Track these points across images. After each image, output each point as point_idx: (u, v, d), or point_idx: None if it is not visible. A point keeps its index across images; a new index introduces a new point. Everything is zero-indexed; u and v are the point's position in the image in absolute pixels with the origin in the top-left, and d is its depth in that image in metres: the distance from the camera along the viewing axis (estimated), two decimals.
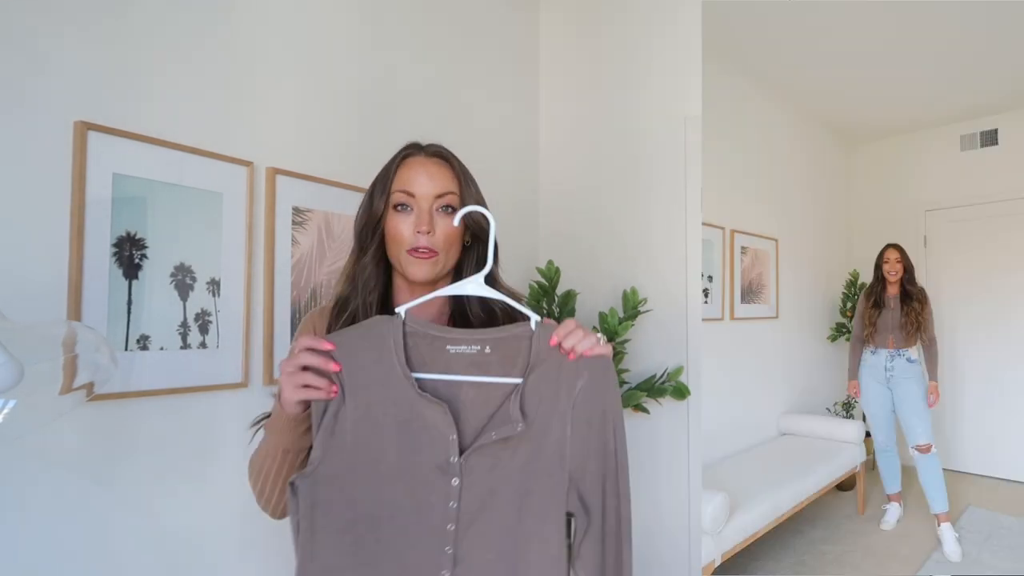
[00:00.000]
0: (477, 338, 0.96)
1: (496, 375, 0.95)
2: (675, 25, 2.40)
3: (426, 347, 0.95)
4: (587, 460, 0.94)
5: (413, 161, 1.11)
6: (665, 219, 2.39)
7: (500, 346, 0.95)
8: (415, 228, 1.07)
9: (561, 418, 0.94)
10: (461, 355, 0.95)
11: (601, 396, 0.95)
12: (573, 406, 0.94)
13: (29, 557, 1.22)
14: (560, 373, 0.95)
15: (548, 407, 0.94)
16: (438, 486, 0.94)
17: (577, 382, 0.94)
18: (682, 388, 2.24)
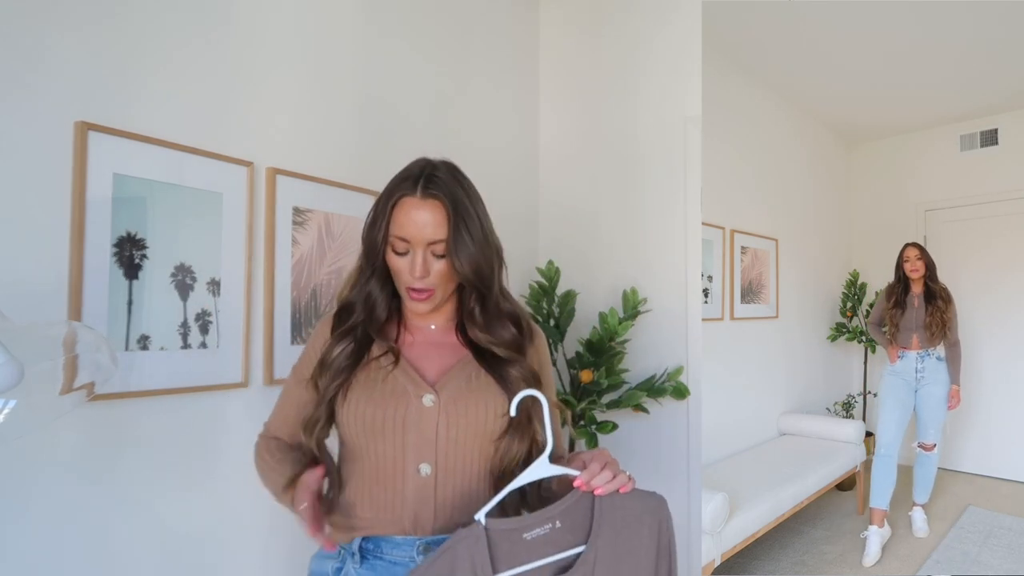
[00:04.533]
0: (547, 516, 0.98)
1: (569, 547, 0.99)
2: (675, 25, 2.40)
3: (506, 543, 0.97)
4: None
5: (407, 203, 1.08)
6: (665, 219, 2.39)
7: (567, 516, 0.99)
8: (409, 271, 1.09)
9: (638, 566, 1.00)
10: (537, 538, 0.98)
11: (665, 534, 1.02)
12: (644, 553, 1.00)
13: (29, 557, 1.22)
14: (629, 527, 1.00)
15: (627, 562, 0.99)
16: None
17: (643, 529, 1.01)
18: (682, 388, 2.24)
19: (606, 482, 0.99)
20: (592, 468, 1.00)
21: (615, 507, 1.00)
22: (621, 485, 1.00)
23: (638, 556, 1.00)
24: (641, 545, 1.00)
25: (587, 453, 1.05)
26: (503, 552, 0.97)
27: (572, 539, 0.99)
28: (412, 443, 1.09)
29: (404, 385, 1.11)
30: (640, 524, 1.00)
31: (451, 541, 0.97)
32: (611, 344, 2.22)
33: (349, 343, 1.12)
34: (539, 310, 2.29)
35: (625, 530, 1.00)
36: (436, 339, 1.18)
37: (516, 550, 0.97)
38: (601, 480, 0.99)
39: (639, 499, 1.02)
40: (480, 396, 1.11)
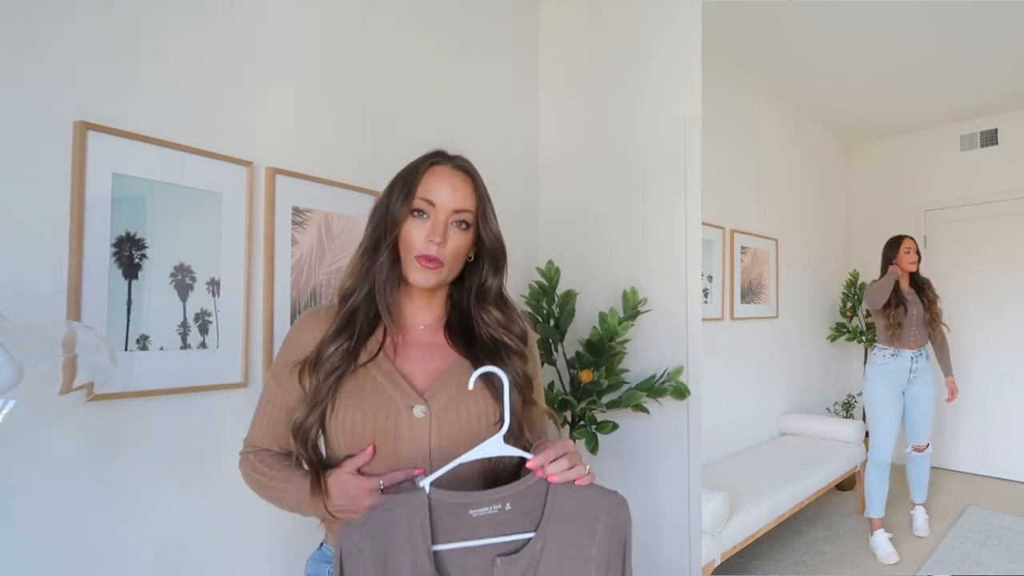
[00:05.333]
0: (497, 497, 0.96)
1: (517, 531, 0.96)
2: (675, 25, 2.40)
3: (449, 515, 0.94)
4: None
5: (440, 170, 1.11)
6: (665, 219, 2.39)
7: (518, 500, 0.96)
8: (428, 236, 1.07)
9: (583, 564, 0.96)
10: (484, 517, 0.95)
11: (620, 535, 0.99)
12: (596, 551, 0.97)
13: (29, 557, 1.22)
14: (580, 521, 0.97)
15: (573, 559, 0.96)
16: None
17: (598, 527, 0.98)
18: (682, 388, 2.23)
19: (561, 470, 0.97)
20: (547, 454, 0.98)
21: (569, 499, 0.97)
22: (578, 477, 0.98)
23: (587, 553, 0.97)
24: (592, 543, 0.97)
25: (550, 442, 1.03)
26: (446, 524, 0.94)
27: (521, 524, 0.96)
28: (405, 454, 1.06)
29: (392, 394, 1.07)
30: (594, 521, 0.97)
31: (391, 502, 0.95)
32: (611, 344, 2.22)
33: (344, 340, 1.09)
34: (539, 310, 2.29)
35: (576, 524, 0.97)
36: (425, 340, 1.16)
37: (460, 524, 0.94)
38: (556, 468, 0.97)
39: (597, 496, 0.99)
40: (471, 404, 1.09)
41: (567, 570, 0.95)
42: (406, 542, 0.92)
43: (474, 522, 0.94)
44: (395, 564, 0.92)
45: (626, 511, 1.00)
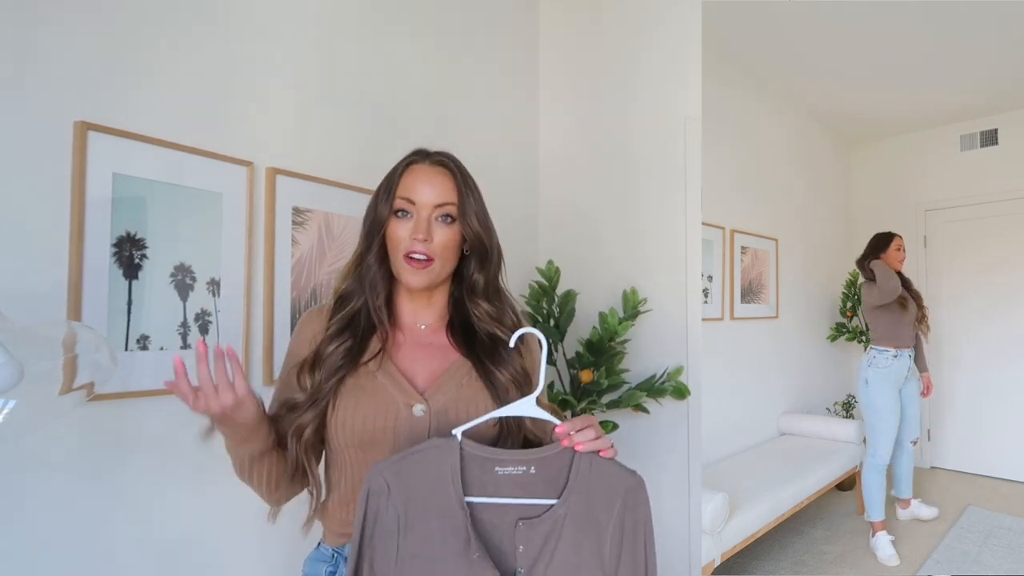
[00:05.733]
0: (523, 459, 0.97)
1: (540, 496, 0.97)
2: (675, 26, 2.40)
3: (477, 469, 0.96)
4: (622, 571, 0.98)
5: (417, 168, 1.12)
6: (665, 219, 2.39)
7: (543, 465, 0.97)
8: (412, 235, 1.08)
9: (600, 537, 0.97)
10: (508, 476, 0.96)
11: (633, 512, 0.99)
12: (612, 529, 0.97)
13: (29, 556, 1.22)
14: (600, 494, 0.98)
15: (589, 531, 0.97)
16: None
17: (616, 504, 0.98)
18: (682, 388, 2.24)
19: (588, 439, 0.98)
20: (575, 423, 0.99)
21: (592, 470, 0.98)
22: (603, 448, 0.99)
23: (604, 528, 0.97)
24: (610, 518, 0.97)
25: (575, 417, 1.04)
26: (473, 476, 0.95)
27: (544, 490, 0.97)
28: None
29: (393, 393, 1.08)
30: (613, 496, 0.98)
31: (424, 445, 0.96)
32: (611, 344, 2.22)
33: (346, 339, 1.09)
34: (539, 310, 2.29)
35: (596, 497, 0.97)
36: (427, 340, 1.16)
37: (485, 479, 0.95)
38: (583, 436, 0.98)
39: (617, 472, 0.99)
40: (471, 404, 1.09)
41: (586, 541, 0.96)
42: (436, 486, 0.94)
43: (498, 479, 0.96)
44: (423, 506, 0.93)
45: (644, 492, 1.00)
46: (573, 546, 0.95)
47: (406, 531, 0.93)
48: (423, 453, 0.95)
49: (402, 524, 0.93)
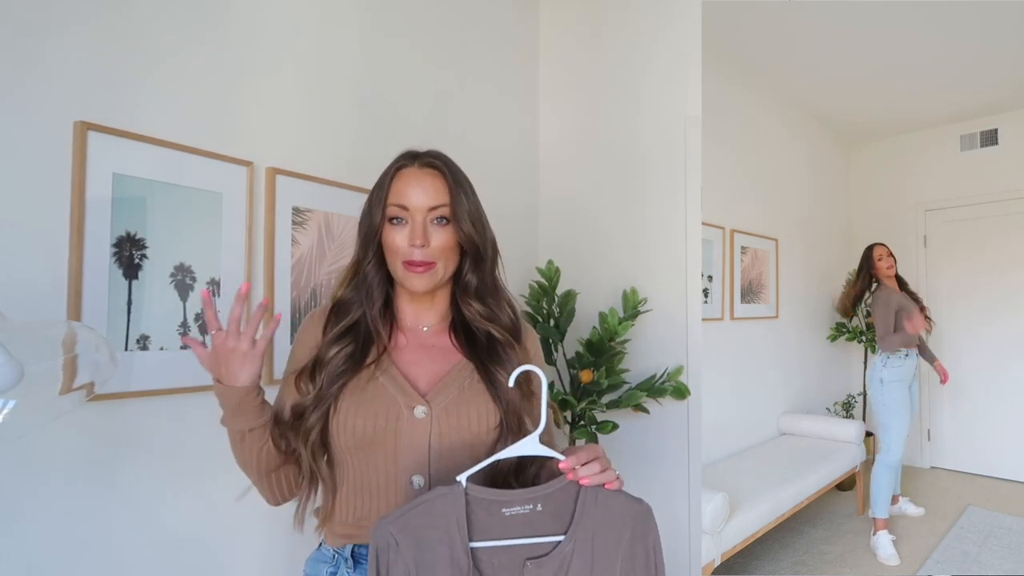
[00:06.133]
0: (529, 497, 0.96)
1: (546, 532, 0.96)
2: (675, 25, 2.40)
3: (484, 512, 0.95)
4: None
5: (406, 173, 1.11)
6: (665, 219, 2.39)
7: (549, 501, 0.97)
8: (409, 241, 1.07)
9: (610, 570, 0.96)
10: (515, 516, 0.95)
11: (643, 541, 0.98)
12: (621, 560, 0.97)
13: (29, 557, 1.22)
14: (607, 527, 0.97)
15: (600, 563, 0.96)
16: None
17: (625, 533, 0.97)
18: (682, 388, 2.23)
19: (593, 473, 0.97)
20: (580, 456, 0.98)
21: (598, 504, 0.97)
22: (608, 481, 0.98)
23: (613, 561, 0.97)
24: (618, 551, 0.97)
25: (581, 447, 1.03)
26: (480, 521, 0.94)
27: (552, 526, 0.96)
28: (404, 455, 1.06)
29: (394, 395, 1.07)
30: (622, 527, 0.97)
31: (429, 495, 0.94)
32: (611, 344, 2.21)
33: (348, 343, 1.09)
34: (539, 310, 2.29)
35: (604, 530, 0.96)
36: (429, 342, 1.15)
37: (493, 522, 0.94)
38: (588, 471, 0.97)
39: (624, 503, 0.99)
40: (472, 407, 1.08)
41: (597, 574, 0.96)
42: (444, 535, 0.93)
43: (506, 520, 0.95)
44: (432, 558, 0.92)
45: (652, 521, 0.99)
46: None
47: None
48: (429, 503, 0.94)
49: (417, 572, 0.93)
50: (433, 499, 0.94)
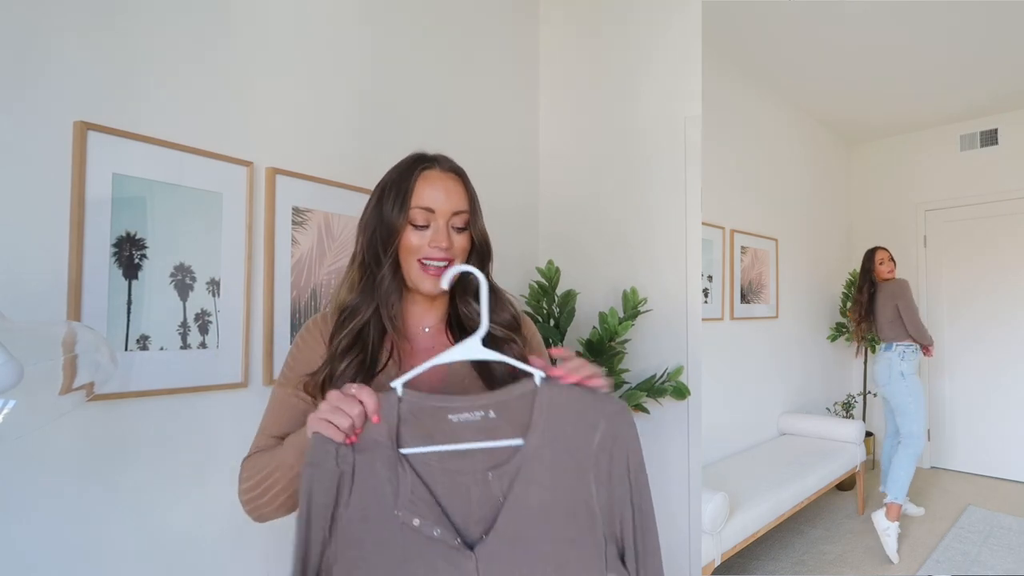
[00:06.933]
0: (479, 404, 0.92)
1: (506, 438, 0.91)
2: (675, 25, 2.40)
3: (429, 419, 0.91)
4: (618, 513, 0.92)
5: (432, 176, 1.11)
6: (665, 219, 2.39)
7: (503, 408, 0.92)
8: (431, 243, 1.08)
9: (582, 476, 0.90)
10: (464, 424, 0.91)
11: (623, 444, 0.92)
12: (595, 462, 0.91)
13: (29, 557, 1.22)
14: (573, 427, 0.91)
15: (566, 467, 0.90)
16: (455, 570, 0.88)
17: (595, 435, 0.91)
18: (682, 388, 2.24)
19: (572, 369, 0.93)
20: (565, 366, 0.93)
21: (559, 405, 0.91)
22: (594, 375, 0.93)
23: (583, 463, 0.89)
24: (588, 452, 0.90)
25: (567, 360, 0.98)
26: (425, 428, 0.90)
27: (510, 432, 0.90)
28: None
29: None
30: (590, 428, 0.90)
31: None
32: (611, 344, 2.22)
33: (357, 353, 1.07)
34: (539, 310, 2.29)
35: (570, 432, 0.90)
36: (429, 344, 1.16)
37: (439, 428, 0.90)
38: (570, 366, 0.93)
39: (594, 402, 0.92)
40: None
41: (563, 478, 0.90)
42: (382, 439, 0.89)
43: (454, 427, 0.91)
44: (371, 461, 0.88)
45: (628, 418, 0.93)
46: (547, 486, 0.89)
47: (351, 492, 0.88)
48: None
49: (346, 485, 0.88)
50: None
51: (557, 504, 0.89)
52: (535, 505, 0.88)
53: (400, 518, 0.87)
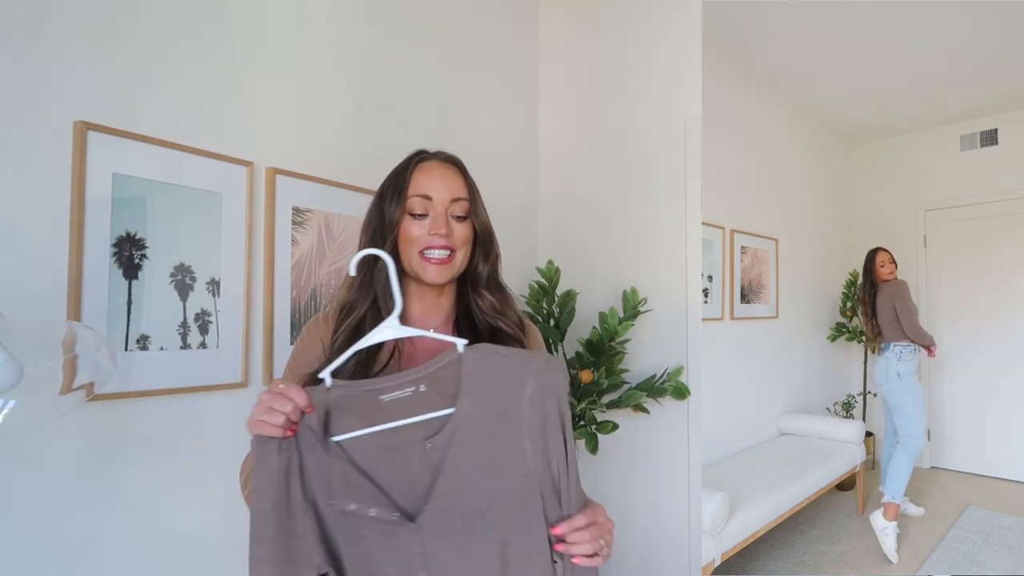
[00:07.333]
0: (408, 380, 0.94)
1: (438, 409, 0.93)
2: (675, 25, 2.40)
3: (361, 405, 0.93)
4: (555, 469, 0.92)
5: (428, 165, 1.13)
6: (665, 219, 2.39)
7: (433, 380, 0.93)
8: (430, 230, 1.08)
9: (516, 436, 0.91)
10: (397, 401, 0.93)
11: (553, 400, 0.93)
12: (528, 420, 0.92)
13: (28, 556, 1.22)
14: (504, 390, 0.92)
15: (498, 429, 0.92)
16: (396, 547, 0.90)
17: (523, 394, 0.92)
18: (682, 388, 2.24)
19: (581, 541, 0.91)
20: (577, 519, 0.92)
21: (483, 368, 0.92)
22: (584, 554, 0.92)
23: (515, 424, 0.91)
24: (519, 411, 0.91)
25: (586, 508, 0.96)
26: (361, 412, 0.92)
27: (442, 403, 0.92)
28: None
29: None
30: (520, 387, 0.92)
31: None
32: (611, 344, 2.22)
33: (355, 353, 1.05)
34: (539, 310, 2.29)
35: (498, 393, 0.92)
36: (434, 346, 1.13)
37: (373, 409, 0.92)
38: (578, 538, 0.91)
39: (519, 361, 0.93)
40: None
41: (496, 442, 0.91)
42: (315, 429, 0.92)
43: (387, 407, 0.93)
44: (312, 452, 0.91)
45: (555, 371, 0.94)
46: (481, 449, 0.91)
47: (302, 483, 0.90)
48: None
49: (295, 476, 0.90)
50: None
51: (493, 466, 0.91)
52: (471, 469, 0.91)
53: (336, 506, 0.90)
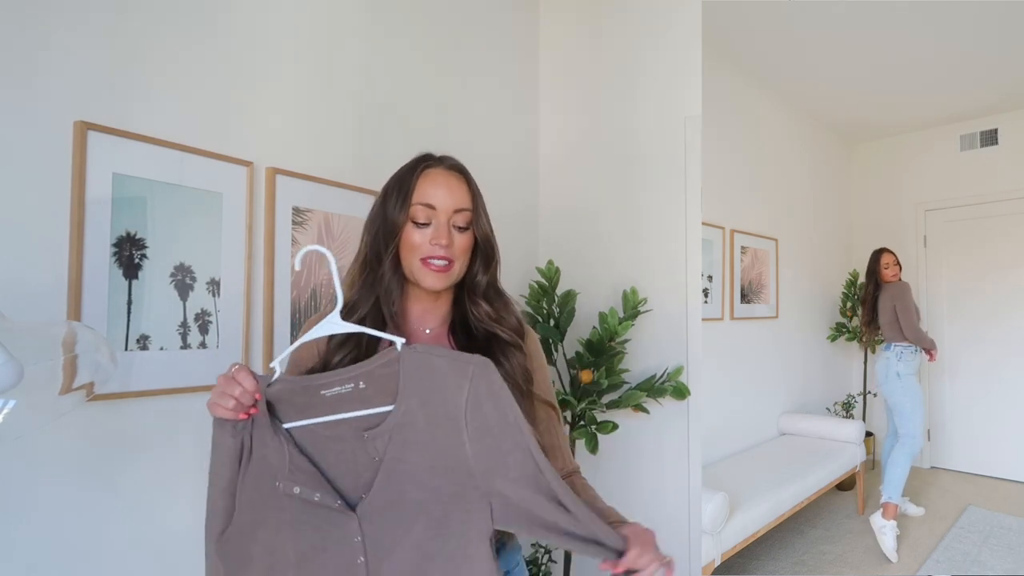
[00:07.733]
0: (348, 376, 0.97)
1: (377, 406, 0.96)
2: (675, 26, 2.40)
3: (302, 397, 0.97)
4: (502, 466, 0.93)
5: (434, 173, 1.12)
6: (665, 219, 2.39)
7: (372, 379, 0.96)
8: (432, 240, 1.08)
9: (456, 435, 0.93)
10: (337, 396, 0.96)
11: (493, 399, 0.94)
12: (466, 422, 0.93)
13: (29, 556, 1.22)
14: (441, 391, 0.94)
15: (439, 428, 0.94)
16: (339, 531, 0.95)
17: (461, 396, 0.94)
18: (682, 388, 2.24)
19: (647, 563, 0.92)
20: (636, 550, 0.93)
21: (422, 370, 0.95)
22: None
23: (456, 423, 0.93)
24: (459, 412, 0.93)
25: (637, 532, 0.97)
26: (303, 404, 0.97)
27: (382, 400, 0.96)
28: None
29: None
30: (456, 390, 0.94)
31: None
32: (611, 344, 2.22)
33: (351, 349, 1.08)
34: (539, 310, 2.29)
35: (435, 394, 0.94)
36: (430, 342, 1.16)
37: (315, 402, 0.97)
38: (642, 563, 0.92)
39: (452, 366, 0.95)
40: None
41: (437, 440, 0.94)
42: (263, 416, 0.97)
43: (329, 401, 0.97)
44: (262, 436, 0.97)
45: (492, 373, 0.95)
46: (421, 446, 0.94)
47: (249, 463, 0.97)
48: None
49: (246, 457, 0.97)
50: None
51: (433, 463, 0.94)
52: (410, 464, 0.94)
53: (281, 489, 0.95)
